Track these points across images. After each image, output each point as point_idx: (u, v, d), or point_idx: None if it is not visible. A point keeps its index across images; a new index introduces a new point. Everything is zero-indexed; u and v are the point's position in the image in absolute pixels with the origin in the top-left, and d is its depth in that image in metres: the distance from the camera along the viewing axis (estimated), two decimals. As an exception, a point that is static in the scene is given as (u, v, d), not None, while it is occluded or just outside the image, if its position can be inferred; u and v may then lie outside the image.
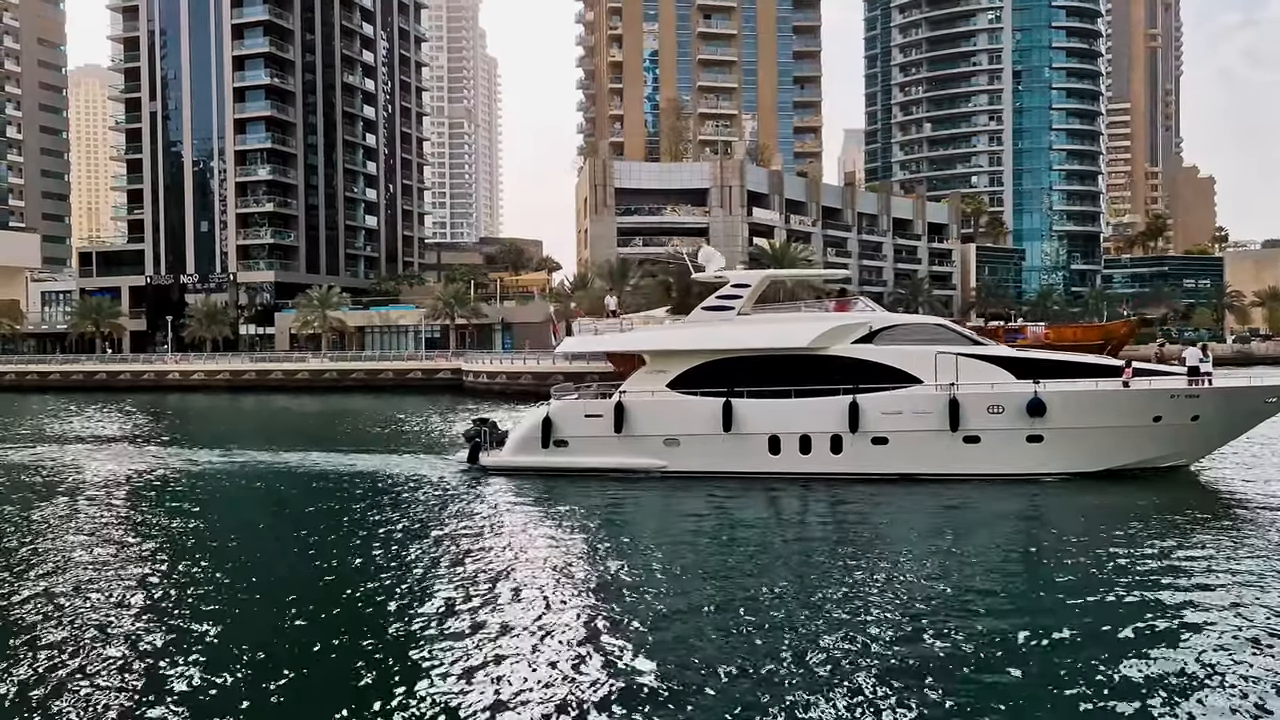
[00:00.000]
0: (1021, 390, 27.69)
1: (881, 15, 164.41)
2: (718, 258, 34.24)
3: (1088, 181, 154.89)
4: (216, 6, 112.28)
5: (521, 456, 30.96)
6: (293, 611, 16.70)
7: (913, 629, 15.27)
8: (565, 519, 24.87)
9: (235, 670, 13.94)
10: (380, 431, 46.83)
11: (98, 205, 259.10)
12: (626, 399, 30.22)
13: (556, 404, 31.38)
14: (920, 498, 26.69)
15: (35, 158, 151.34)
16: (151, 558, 21.64)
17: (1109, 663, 13.62)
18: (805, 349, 29.20)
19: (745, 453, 29.07)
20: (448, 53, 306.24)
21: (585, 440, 30.36)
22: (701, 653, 14.22)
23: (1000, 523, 24.39)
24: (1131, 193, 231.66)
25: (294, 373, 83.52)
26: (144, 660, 14.78)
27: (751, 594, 17.36)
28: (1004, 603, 16.81)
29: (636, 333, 33.84)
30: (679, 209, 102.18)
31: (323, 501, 27.57)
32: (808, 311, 32.92)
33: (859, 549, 21.09)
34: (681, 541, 22.39)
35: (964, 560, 19.94)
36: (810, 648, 14.40)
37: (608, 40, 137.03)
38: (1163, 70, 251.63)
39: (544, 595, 17.40)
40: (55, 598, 18.14)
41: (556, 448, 30.49)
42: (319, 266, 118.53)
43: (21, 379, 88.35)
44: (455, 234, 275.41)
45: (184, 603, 17.66)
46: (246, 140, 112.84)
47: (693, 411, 29.58)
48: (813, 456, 28.66)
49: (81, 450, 41.36)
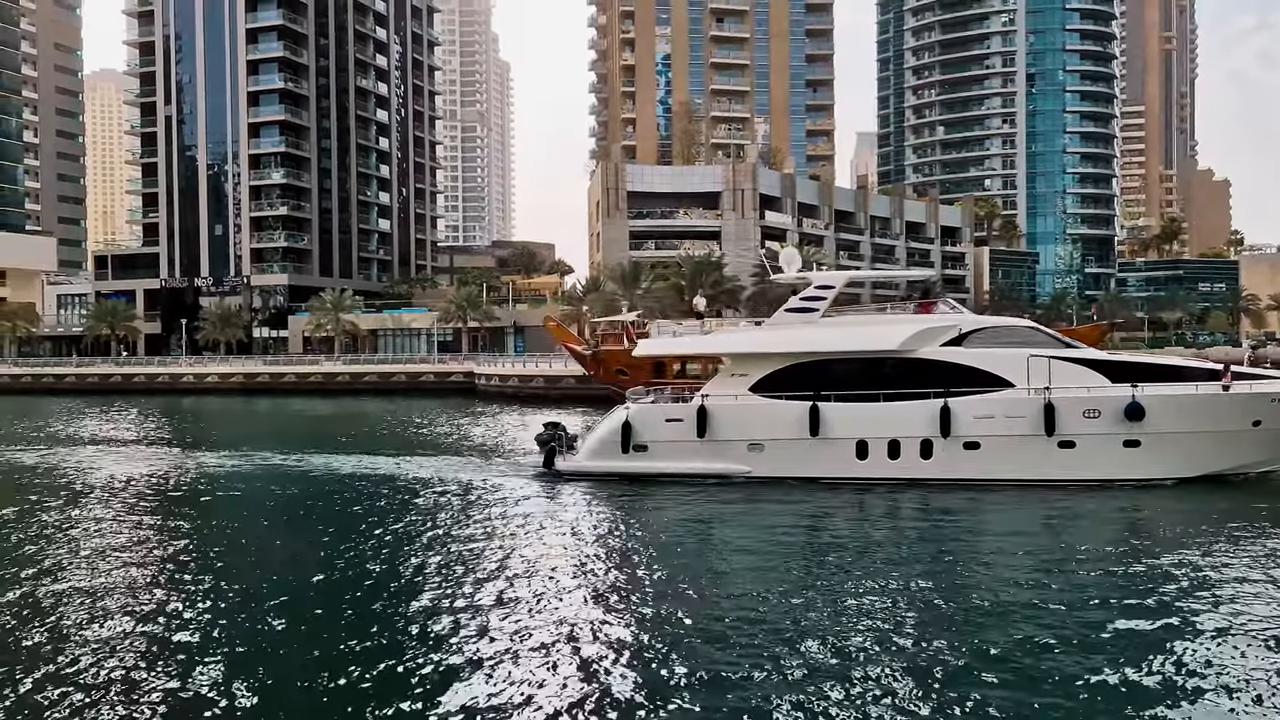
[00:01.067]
0: (1119, 394, 27.07)
1: (894, 18, 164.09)
2: (797, 259, 33.55)
3: (1102, 184, 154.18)
4: (231, 11, 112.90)
5: (599, 461, 30.19)
6: (376, 619, 16.39)
7: (1013, 643, 14.68)
8: (648, 525, 24.40)
9: (328, 676, 13.83)
10: (422, 436, 45.88)
11: (113, 209, 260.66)
12: (710, 403, 29.51)
13: (636, 408, 30.58)
14: (1014, 505, 26.01)
15: (51, 162, 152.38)
16: (229, 566, 21.66)
17: (1222, 674, 13.26)
18: (894, 352, 28.65)
19: (832, 458, 28.41)
20: (460, 57, 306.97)
21: (666, 445, 29.67)
22: (789, 667, 13.85)
23: (1099, 530, 23.33)
24: (1146, 196, 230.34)
25: (307, 375, 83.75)
26: (208, 664, 14.82)
27: (839, 605, 16.95)
28: (1109, 614, 16.07)
29: (718, 335, 33.04)
30: (691, 212, 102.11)
31: (402, 508, 26.72)
32: (892, 314, 32.32)
33: (954, 557, 20.50)
34: (769, 549, 21.73)
35: (1067, 571, 19.03)
36: (903, 662, 14.01)
37: (620, 44, 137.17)
38: (1177, 73, 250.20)
39: (629, 603, 17.15)
40: (99, 599, 18.21)
41: (636, 452, 29.74)
42: (332, 270, 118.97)
43: (37, 381, 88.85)
44: (468, 237, 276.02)
45: (259, 611, 17.66)
46: (260, 144, 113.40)
47: (779, 415, 28.90)
48: (901, 462, 28.07)
49: (141, 453, 41.54)
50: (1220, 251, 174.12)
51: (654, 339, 36.26)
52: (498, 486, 29.58)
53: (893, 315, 31.80)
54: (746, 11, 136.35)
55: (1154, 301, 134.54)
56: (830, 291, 30.48)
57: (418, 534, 22.99)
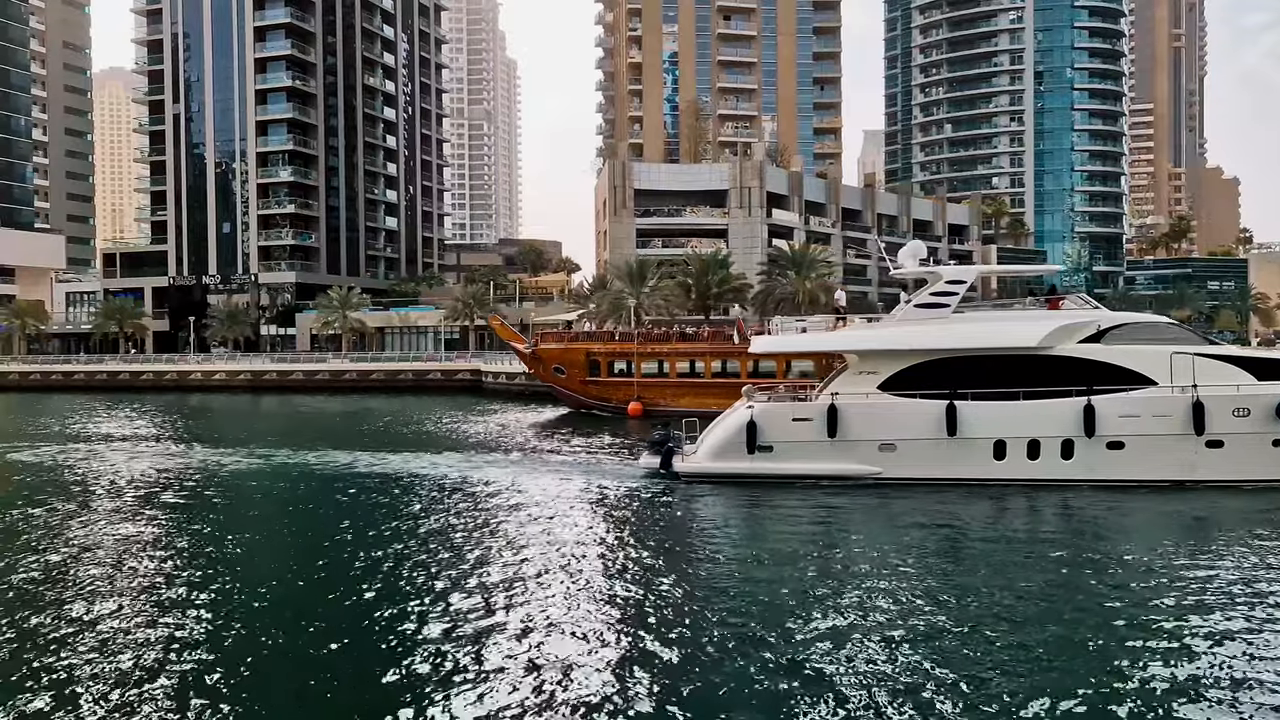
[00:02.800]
0: (1270, 392, 26.43)
1: (902, 16, 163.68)
2: (921, 250, 32.58)
3: (1110, 183, 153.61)
4: (239, 9, 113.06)
5: (721, 462, 29.36)
6: (507, 625, 16.11)
7: (1167, 658, 14.04)
8: (779, 528, 23.85)
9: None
10: (510, 438, 44.68)
11: (121, 207, 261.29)
12: (840, 401, 28.57)
13: (761, 407, 29.62)
14: (1160, 506, 25.19)
15: (60, 160, 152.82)
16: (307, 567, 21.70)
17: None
18: (1032, 349, 27.91)
19: (967, 458, 27.65)
20: (467, 55, 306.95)
21: (792, 445, 28.77)
22: (923, 679, 13.51)
23: (1251, 533, 22.15)
24: (1154, 194, 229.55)
25: (314, 373, 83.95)
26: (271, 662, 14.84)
27: (977, 613, 16.31)
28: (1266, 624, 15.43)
29: (844, 332, 32.32)
30: (698, 210, 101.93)
31: (527, 510, 26.18)
32: (1026, 310, 31.35)
33: (1106, 562, 19.71)
34: (905, 553, 21.00)
35: (1218, 580, 18.11)
36: (1045, 678, 13.47)
37: (627, 42, 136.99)
38: (1186, 71, 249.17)
39: (763, 610, 16.75)
40: (109, 594, 18.26)
41: (760, 453, 28.87)
42: (339, 267, 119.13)
43: (46, 379, 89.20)
44: (475, 235, 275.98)
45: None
46: (268, 142, 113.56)
47: (913, 415, 28.12)
48: (1040, 462, 27.39)
49: (169, 450, 41.65)
50: (1229, 250, 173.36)
51: (771, 336, 34.69)
52: (613, 489, 28.95)
53: (1027, 312, 30.87)
54: (754, 9, 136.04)
55: (1162, 300, 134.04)
56: (961, 287, 29.66)
57: (542, 537, 22.50)
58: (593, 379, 56.39)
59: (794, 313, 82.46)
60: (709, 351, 55.52)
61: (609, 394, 55.67)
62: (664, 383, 55.29)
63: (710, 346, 56.07)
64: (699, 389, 53.93)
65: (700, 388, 54.12)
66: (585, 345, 57.75)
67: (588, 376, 56.45)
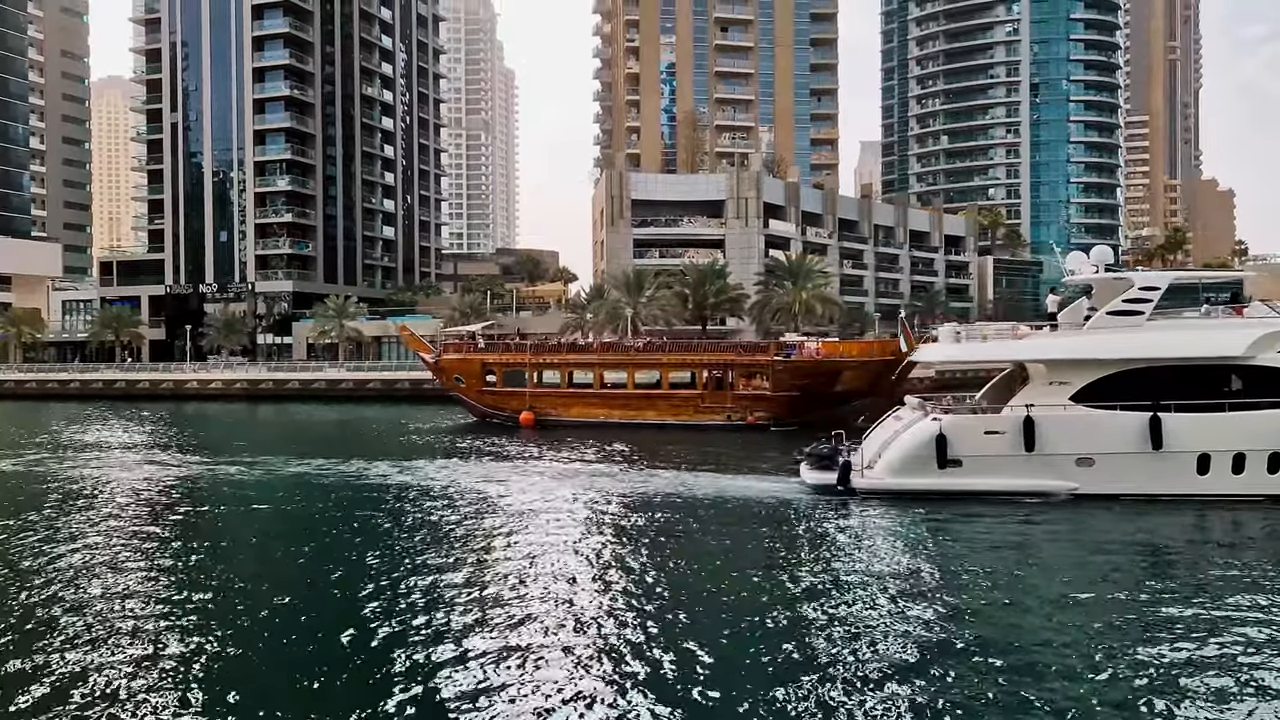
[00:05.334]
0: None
1: (899, 28, 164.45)
2: (1108, 254, 31.47)
3: (1106, 194, 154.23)
4: (237, 19, 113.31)
5: (905, 478, 27.92)
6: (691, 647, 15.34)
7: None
8: (984, 549, 22.60)
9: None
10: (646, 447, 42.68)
11: (119, 215, 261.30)
12: (1037, 413, 27.17)
13: (951, 419, 28.13)
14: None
15: (57, 168, 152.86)
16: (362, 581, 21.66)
17: None
18: (1237, 358, 26.95)
19: (1171, 473, 26.49)
20: (465, 65, 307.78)
21: (983, 460, 27.40)
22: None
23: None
24: (1150, 206, 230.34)
25: (310, 382, 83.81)
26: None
27: (1197, 649, 15.20)
28: None
29: (1033, 340, 30.81)
30: (695, 220, 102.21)
31: (705, 528, 24.99)
32: (1219, 318, 29.82)
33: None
34: (1120, 575, 19.95)
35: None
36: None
37: (625, 53, 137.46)
38: (1182, 83, 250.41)
39: (981, 640, 15.81)
40: (105, 606, 18.22)
41: (949, 468, 27.54)
42: (336, 276, 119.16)
43: (42, 387, 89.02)
44: (472, 245, 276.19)
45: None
46: (266, 151, 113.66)
47: (1116, 427, 26.80)
48: (1246, 477, 26.35)
49: (169, 458, 41.57)
50: (1225, 262, 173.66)
51: (939, 345, 33.12)
52: (788, 505, 27.44)
53: (1227, 319, 29.52)
54: (751, 21, 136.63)
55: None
56: (1155, 293, 28.53)
57: (726, 556, 21.40)
58: (488, 388, 57.46)
59: (789, 323, 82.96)
60: (597, 363, 56.35)
61: (503, 403, 56.72)
62: (554, 393, 56.10)
63: (599, 358, 56.95)
64: (588, 399, 55.12)
65: (589, 398, 55.23)
66: (481, 356, 58.71)
67: (483, 386, 57.58)
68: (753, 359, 53.62)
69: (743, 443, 44.74)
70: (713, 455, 39.19)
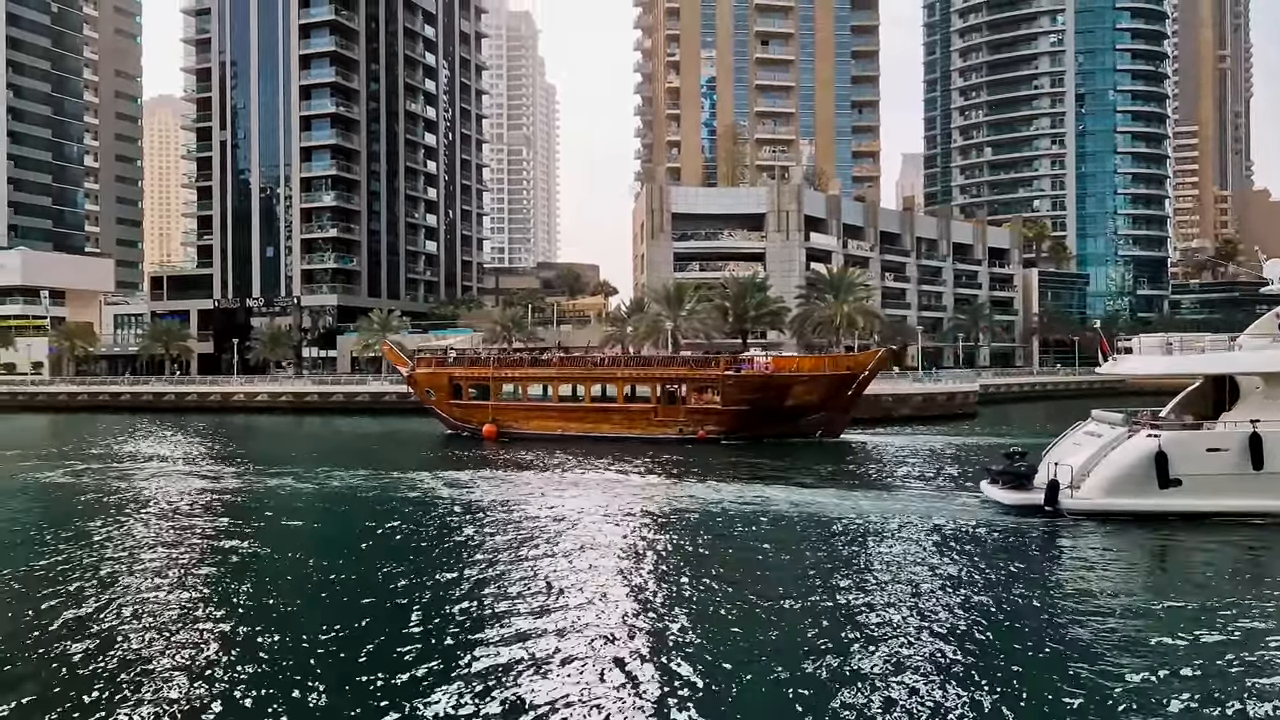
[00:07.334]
0: None
1: (941, 39, 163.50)
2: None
3: (1154, 205, 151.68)
4: (285, 38, 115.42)
5: (1121, 499, 26.38)
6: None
7: None
8: (1231, 578, 21.27)
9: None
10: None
11: (169, 231, 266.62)
12: (1264, 429, 25.71)
13: (1171, 435, 26.56)
14: None
15: (110, 185, 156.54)
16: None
17: None
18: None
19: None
20: (507, 80, 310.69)
21: (1205, 479, 25.86)
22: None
23: None
24: (1200, 217, 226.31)
25: (354, 395, 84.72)
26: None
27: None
28: None
29: (1250, 353, 29.20)
30: (735, 234, 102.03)
31: (909, 552, 23.52)
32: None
33: None
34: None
35: None
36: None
37: (665, 67, 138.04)
38: (1232, 92, 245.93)
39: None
40: (157, 613, 18.54)
41: (1169, 488, 26.02)
42: (380, 291, 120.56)
43: (94, 399, 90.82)
44: (513, 259, 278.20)
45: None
46: (312, 168, 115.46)
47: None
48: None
49: (224, 470, 42.28)
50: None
51: (1145, 356, 31.16)
52: (988, 529, 25.79)
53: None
54: (792, 34, 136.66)
55: (1209, 325, 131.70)
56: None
57: (937, 588, 19.90)
58: (456, 402, 58.59)
59: (831, 336, 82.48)
60: (557, 377, 56.93)
61: (470, 416, 57.71)
62: (516, 406, 57.05)
63: (558, 372, 57.47)
64: (546, 412, 55.96)
65: (547, 410, 56.03)
66: (449, 370, 59.77)
67: (451, 400, 58.67)
68: (704, 373, 53.89)
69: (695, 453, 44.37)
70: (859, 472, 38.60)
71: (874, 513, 28.54)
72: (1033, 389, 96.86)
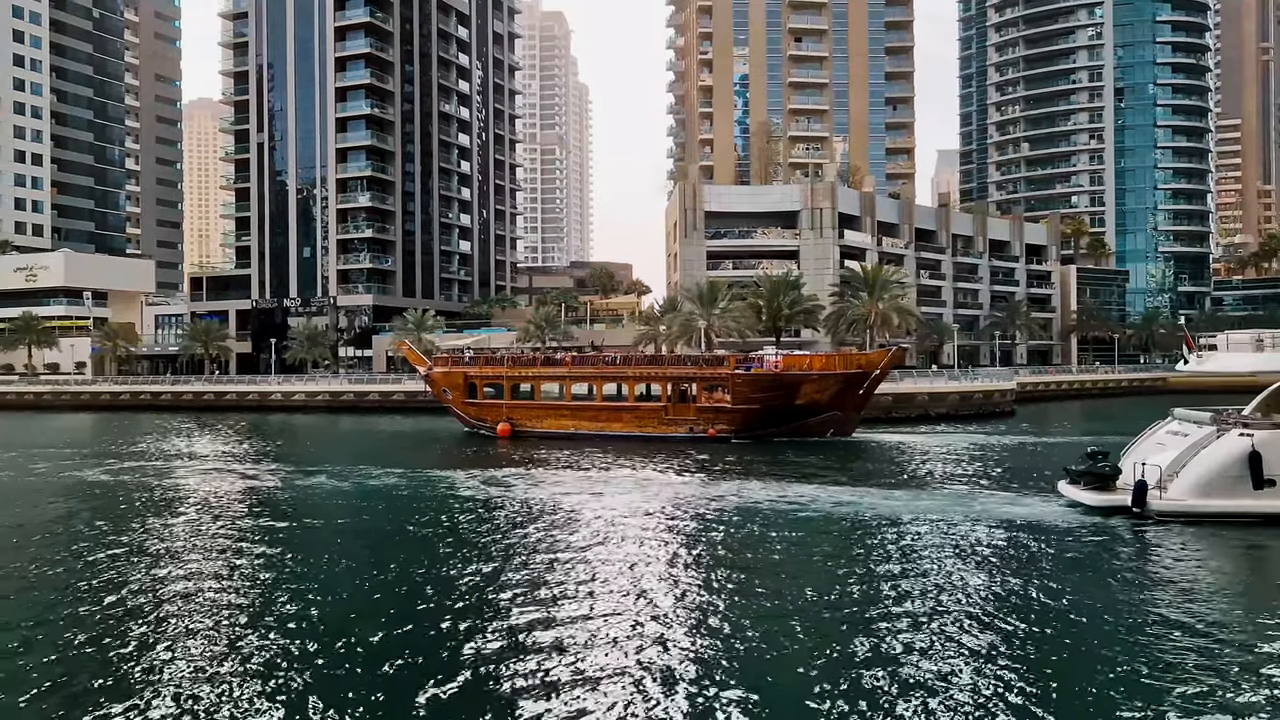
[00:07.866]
0: None
1: (977, 35, 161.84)
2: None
3: (1196, 201, 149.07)
4: (321, 41, 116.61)
5: (1212, 500, 25.91)
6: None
7: None
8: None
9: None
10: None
11: (208, 232, 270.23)
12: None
13: (1265, 435, 25.98)
14: None
15: (151, 187, 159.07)
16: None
17: None
18: None
19: None
20: (540, 81, 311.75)
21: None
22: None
23: None
24: (1243, 212, 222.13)
25: (390, 394, 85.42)
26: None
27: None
28: None
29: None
30: (769, 232, 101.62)
31: (945, 554, 23.12)
32: None
33: None
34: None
35: None
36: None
37: (698, 65, 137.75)
38: (1276, 84, 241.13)
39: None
40: (197, 607, 18.82)
41: (1264, 488, 25.56)
42: (415, 290, 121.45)
43: (135, 398, 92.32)
44: (547, 258, 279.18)
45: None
46: (348, 169, 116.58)
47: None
48: None
49: (267, 468, 42.87)
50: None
51: (1233, 353, 30.23)
52: (1078, 531, 25.35)
53: None
54: (825, 31, 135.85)
55: (1252, 322, 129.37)
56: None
57: (1022, 596, 19.41)
58: (471, 401, 59.35)
59: (865, 334, 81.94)
60: (569, 376, 57.22)
61: (484, 415, 58.41)
62: (529, 405, 57.61)
63: (570, 372, 57.66)
64: (558, 411, 56.50)
65: (560, 410, 56.52)
66: (464, 370, 60.38)
67: (467, 399, 59.39)
68: (713, 372, 54.10)
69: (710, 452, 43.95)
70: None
71: (956, 514, 27.89)
72: (1071, 387, 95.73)
